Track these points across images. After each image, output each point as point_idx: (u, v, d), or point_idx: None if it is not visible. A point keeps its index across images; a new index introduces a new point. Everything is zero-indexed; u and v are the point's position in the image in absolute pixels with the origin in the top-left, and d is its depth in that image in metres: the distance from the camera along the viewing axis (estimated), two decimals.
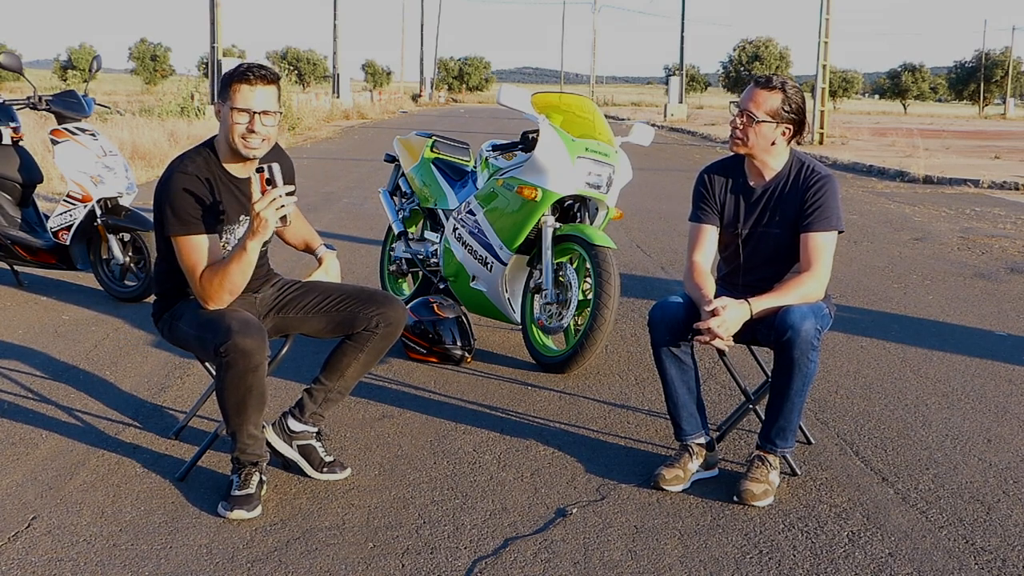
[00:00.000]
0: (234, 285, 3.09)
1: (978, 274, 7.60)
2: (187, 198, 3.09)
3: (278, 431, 3.39)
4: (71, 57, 68.38)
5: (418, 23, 71.71)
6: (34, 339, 5.07)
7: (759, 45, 71.05)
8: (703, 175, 3.56)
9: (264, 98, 3.11)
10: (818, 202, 3.34)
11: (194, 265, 3.10)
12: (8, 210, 6.13)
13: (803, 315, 3.19)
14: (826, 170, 3.44)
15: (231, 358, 2.95)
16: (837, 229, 3.37)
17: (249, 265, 3.07)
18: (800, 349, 3.18)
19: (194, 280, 3.11)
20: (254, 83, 3.09)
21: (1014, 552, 2.95)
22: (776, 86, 3.34)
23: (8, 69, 6.17)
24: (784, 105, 3.32)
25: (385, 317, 3.32)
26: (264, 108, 3.10)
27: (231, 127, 3.11)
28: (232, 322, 2.99)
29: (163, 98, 23.99)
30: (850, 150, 20.98)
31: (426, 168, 5.67)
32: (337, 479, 3.37)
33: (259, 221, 2.97)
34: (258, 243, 3.03)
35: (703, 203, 3.52)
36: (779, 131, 3.35)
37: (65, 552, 2.81)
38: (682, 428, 3.44)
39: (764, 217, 3.43)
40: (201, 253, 3.09)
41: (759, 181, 3.45)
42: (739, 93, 3.56)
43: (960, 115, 63.16)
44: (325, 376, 3.39)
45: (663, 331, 3.37)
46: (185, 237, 3.09)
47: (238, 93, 3.09)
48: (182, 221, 3.09)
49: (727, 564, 2.84)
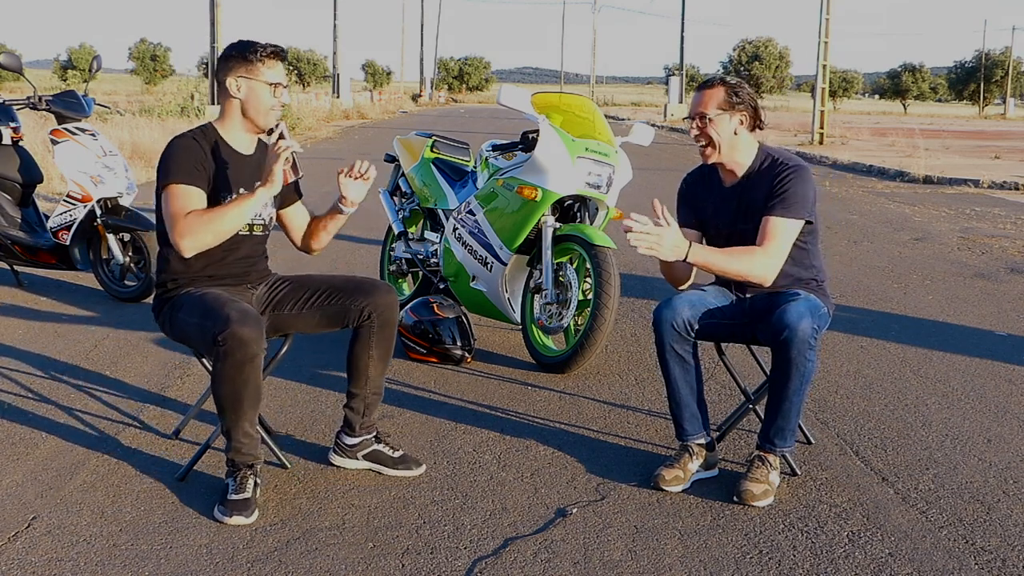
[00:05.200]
0: (224, 226, 3.16)
1: (978, 274, 7.60)
2: (186, 156, 3.21)
3: (339, 452, 3.47)
4: (71, 57, 68.33)
5: (418, 23, 71.71)
6: (34, 339, 5.07)
7: (759, 45, 71.00)
8: (683, 183, 3.67)
9: (283, 71, 3.34)
10: (782, 189, 3.34)
11: (178, 209, 3.15)
12: (8, 210, 6.13)
13: (800, 314, 3.20)
14: (797, 160, 3.44)
15: (228, 347, 2.96)
16: (798, 217, 3.34)
17: (249, 211, 3.19)
18: (797, 348, 3.18)
19: (176, 222, 3.13)
20: (278, 58, 3.31)
21: (1014, 552, 2.95)
22: (715, 82, 3.44)
23: (8, 69, 6.17)
24: (729, 96, 3.39)
25: (375, 307, 3.34)
26: (283, 80, 3.33)
27: (259, 100, 3.27)
28: (232, 312, 3.00)
29: (163, 98, 24.01)
30: (850, 150, 20.98)
31: (426, 168, 5.67)
32: (412, 475, 3.41)
33: (269, 173, 3.13)
34: (268, 192, 3.16)
35: (683, 208, 3.62)
36: (736, 120, 3.40)
37: (65, 552, 2.81)
38: (684, 428, 3.44)
39: (740, 215, 3.45)
40: (189, 200, 3.16)
41: (732, 179, 3.49)
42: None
43: (960, 115, 63.13)
44: (353, 385, 3.42)
45: (668, 330, 3.38)
46: (177, 185, 3.17)
47: (272, 69, 3.28)
48: (175, 172, 3.18)
49: (727, 564, 2.84)
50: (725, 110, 3.38)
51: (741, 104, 3.39)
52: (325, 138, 23.23)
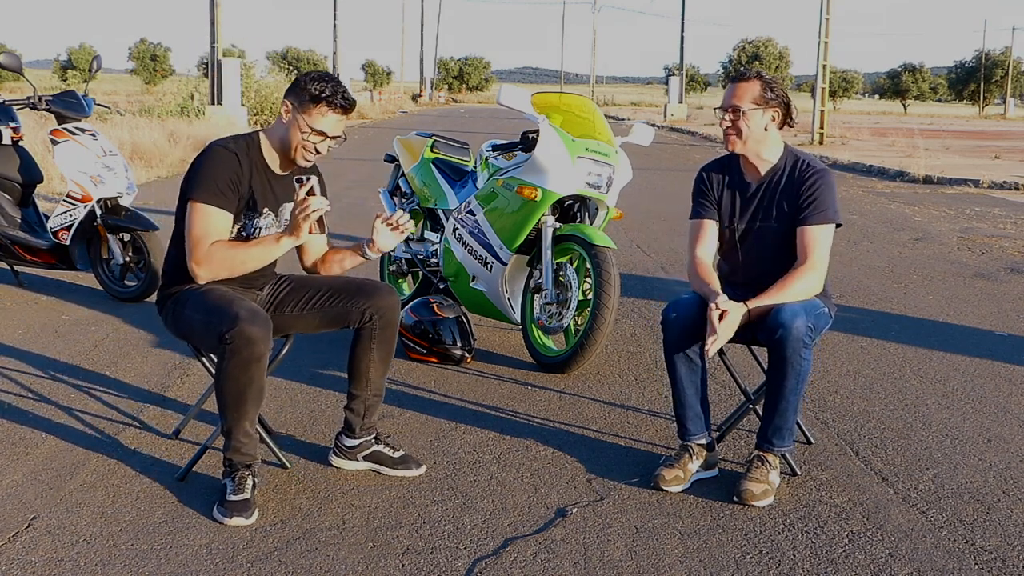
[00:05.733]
0: (242, 267, 3.17)
1: (978, 274, 7.60)
2: (221, 170, 3.15)
3: (339, 454, 3.46)
4: (71, 57, 68.37)
5: (418, 23, 71.72)
6: (34, 339, 5.07)
7: (759, 45, 71.07)
8: (701, 173, 3.61)
9: (341, 125, 3.21)
10: (813, 195, 3.37)
11: (202, 234, 3.12)
12: (8, 210, 6.12)
13: (794, 313, 3.21)
14: (821, 164, 3.46)
15: (236, 344, 2.96)
16: (833, 222, 3.39)
17: (269, 258, 3.19)
18: (792, 347, 3.19)
19: (198, 247, 3.12)
20: (341, 112, 3.17)
21: (1014, 552, 2.95)
22: (752, 76, 3.41)
23: (8, 69, 6.17)
24: (764, 91, 3.37)
25: (376, 308, 3.33)
26: (337, 133, 3.21)
27: (300, 140, 3.17)
28: (240, 310, 3.00)
29: (163, 98, 24.01)
30: (850, 150, 20.98)
31: (426, 168, 5.67)
32: (413, 475, 3.41)
33: (296, 226, 3.06)
34: (291, 243, 3.12)
35: (702, 199, 3.55)
36: (768, 116, 3.39)
37: (65, 552, 2.81)
38: (687, 428, 3.44)
39: (760, 212, 3.44)
40: (215, 226, 3.13)
41: (755, 176, 3.48)
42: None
43: (960, 115, 63.14)
44: (354, 387, 3.41)
45: (676, 330, 3.37)
46: (205, 205, 3.13)
47: (324, 117, 3.16)
48: (207, 189, 3.13)
49: (727, 564, 2.84)
50: (759, 105, 3.37)
51: (775, 100, 3.38)
52: None
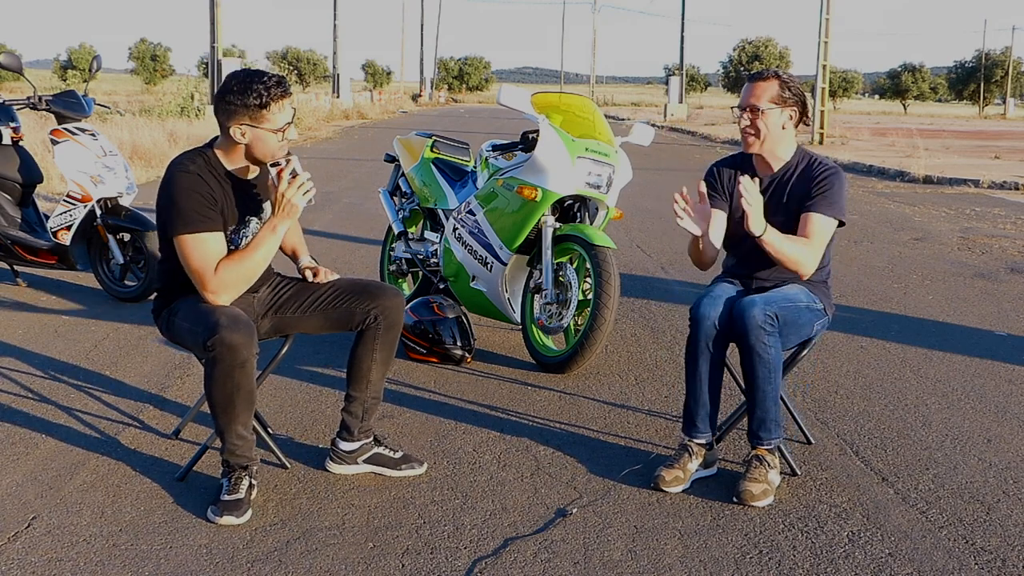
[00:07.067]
0: (256, 271, 3.14)
1: (978, 274, 7.60)
2: (192, 196, 3.06)
3: (337, 459, 3.42)
4: (71, 57, 68.34)
5: (418, 23, 71.75)
6: (34, 339, 5.07)
7: (759, 45, 71.03)
8: (712, 167, 3.65)
9: (290, 106, 3.15)
10: (824, 187, 3.41)
11: (202, 263, 3.06)
12: (8, 210, 6.13)
13: (752, 302, 3.27)
14: (834, 163, 3.50)
15: (217, 352, 2.96)
16: (838, 218, 3.41)
17: (273, 248, 3.14)
18: (753, 335, 3.22)
19: (205, 277, 3.06)
20: (285, 95, 3.11)
21: (1014, 552, 2.95)
22: (770, 75, 3.45)
23: (8, 69, 6.17)
24: (783, 90, 3.41)
25: (382, 309, 3.32)
26: (290, 117, 3.15)
27: (267, 146, 3.12)
28: (221, 317, 2.99)
29: (163, 98, 24.00)
30: (850, 150, 20.98)
31: (426, 168, 5.67)
32: (415, 475, 3.40)
33: (287, 204, 3.05)
34: (286, 224, 3.10)
35: (711, 190, 3.56)
36: (786, 115, 3.43)
37: (65, 552, 2.81)
38: (696, 426, 3.43)
39: (769, 208, 3.45)
40: (208, 250, 3.07)
41: (767, 172, 3.51)
42: (739, 94, 3.59)
43: (960, 115, 63.14)
44: (353, 389, 3.40)
45: (708, 327, 3.35)
46: (191, 235, 3.05)
47: (282, 112, 3.10)
48: (187, 220, 3.05)
49: (727, 564, 2.84)
50: (777, 104, 3.41)
51: (792, 99, 3.42)
52: (325, 138, 23.22)
